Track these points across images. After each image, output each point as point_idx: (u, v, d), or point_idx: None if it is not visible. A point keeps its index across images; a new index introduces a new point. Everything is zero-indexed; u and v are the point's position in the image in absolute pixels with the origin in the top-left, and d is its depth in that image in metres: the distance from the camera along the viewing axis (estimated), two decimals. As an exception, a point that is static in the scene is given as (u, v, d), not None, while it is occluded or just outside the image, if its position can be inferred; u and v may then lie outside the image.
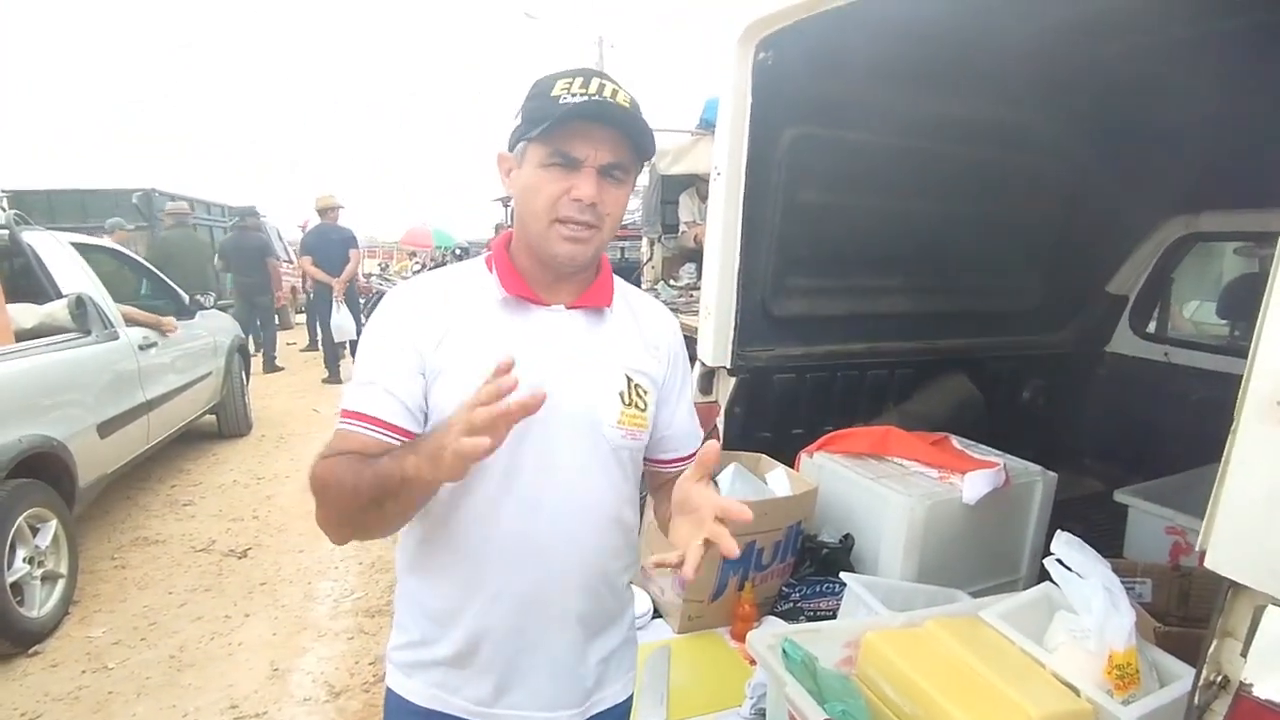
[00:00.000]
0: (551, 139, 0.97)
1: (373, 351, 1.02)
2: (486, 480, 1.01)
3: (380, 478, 0.89)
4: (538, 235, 1.01)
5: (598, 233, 1.01)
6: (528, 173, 1.00)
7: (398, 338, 1.01)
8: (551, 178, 0.98)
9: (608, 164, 0.98)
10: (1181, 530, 2.30)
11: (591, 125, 0.97)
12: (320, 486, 0.96)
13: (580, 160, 0.97)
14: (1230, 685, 0.96)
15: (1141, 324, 3.38)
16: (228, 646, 2.96)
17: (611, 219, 1.02)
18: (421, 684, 1.09)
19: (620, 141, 0.99)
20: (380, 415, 0.98)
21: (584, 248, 1.01)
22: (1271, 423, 0.90)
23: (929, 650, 1.43)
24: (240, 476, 5.02)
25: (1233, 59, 2.01)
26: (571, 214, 0.98)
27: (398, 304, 1.05)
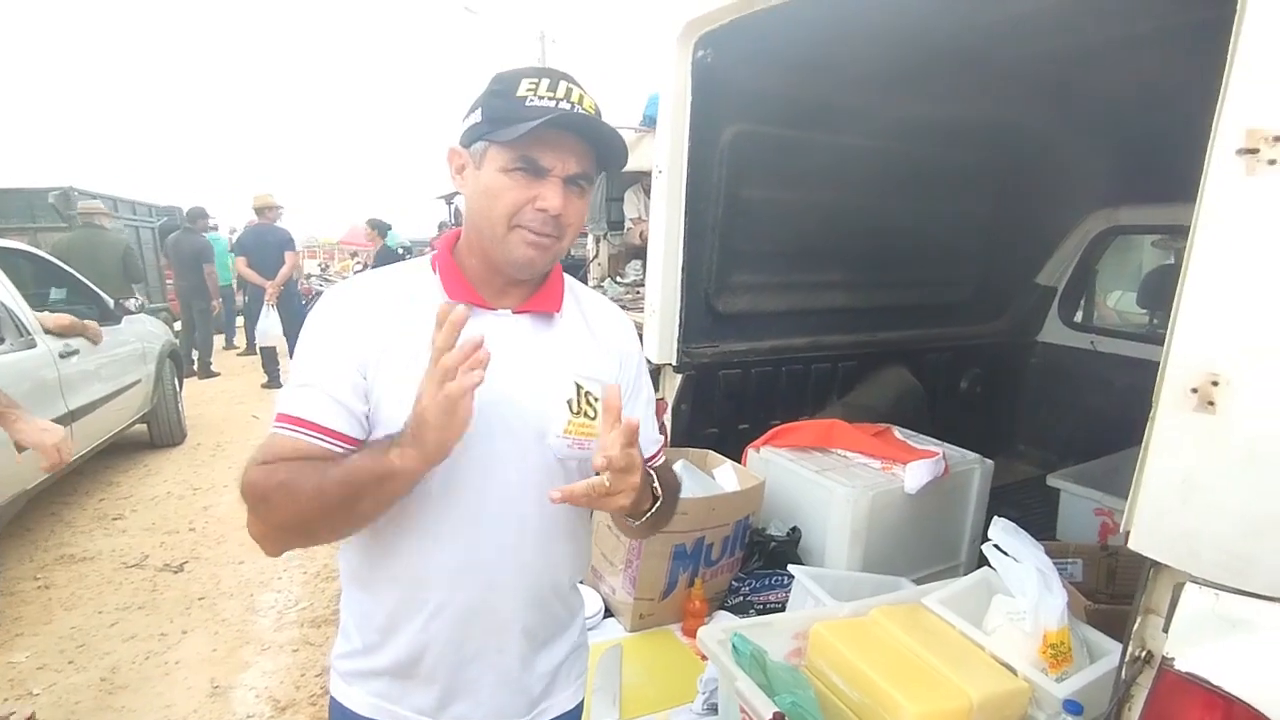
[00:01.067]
0: (518, 145, 0.94)
1: (311, 352, 0.98)
2: (427, 491, 0.98)
3: (353, 476, 0.87)
4: (494, 240, 0.98)
5: (557, 242, 0.99)
6: (488, 175, 0.97)
7: (337, 338, 0.97)
8: (514, 183, 0.95)
9: (574, 175, 0.96)
10: (1109, 511, 2.41)
11: (561, 134, 0.95)
12: (260, 495, 0.91)
13: (547, 170, 0.95)
14: (1154, 660, 1.00)
15: (1069, 314, 3.53)
16: (164, 666, 2.84)
17: (572, 229, 1.00)
18: (364, 693, 1.07)
19: (587, 152, 0.97)
20: (320, 420, 0.94)
21: (543, 254, 0.98)
22: (1186, 409, 0.95)
23: (874, 639, 1.46)
24: (174, 487, 4.82)
25: (1149, 59, 2.11)
26: (535, 224, 0.96)
27: (337, 303, 1.01)
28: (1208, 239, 0.93)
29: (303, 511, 0.90)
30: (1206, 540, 0.94)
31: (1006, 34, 2.08)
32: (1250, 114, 0.88)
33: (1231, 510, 0.92)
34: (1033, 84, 2.43)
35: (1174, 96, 2.25)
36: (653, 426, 1.23)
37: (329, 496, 0.88)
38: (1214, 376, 0.92)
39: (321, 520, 0.91)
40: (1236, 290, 0.91)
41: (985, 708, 1.29)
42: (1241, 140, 0.88)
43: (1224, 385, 0.91)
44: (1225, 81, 0.91)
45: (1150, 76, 2.24)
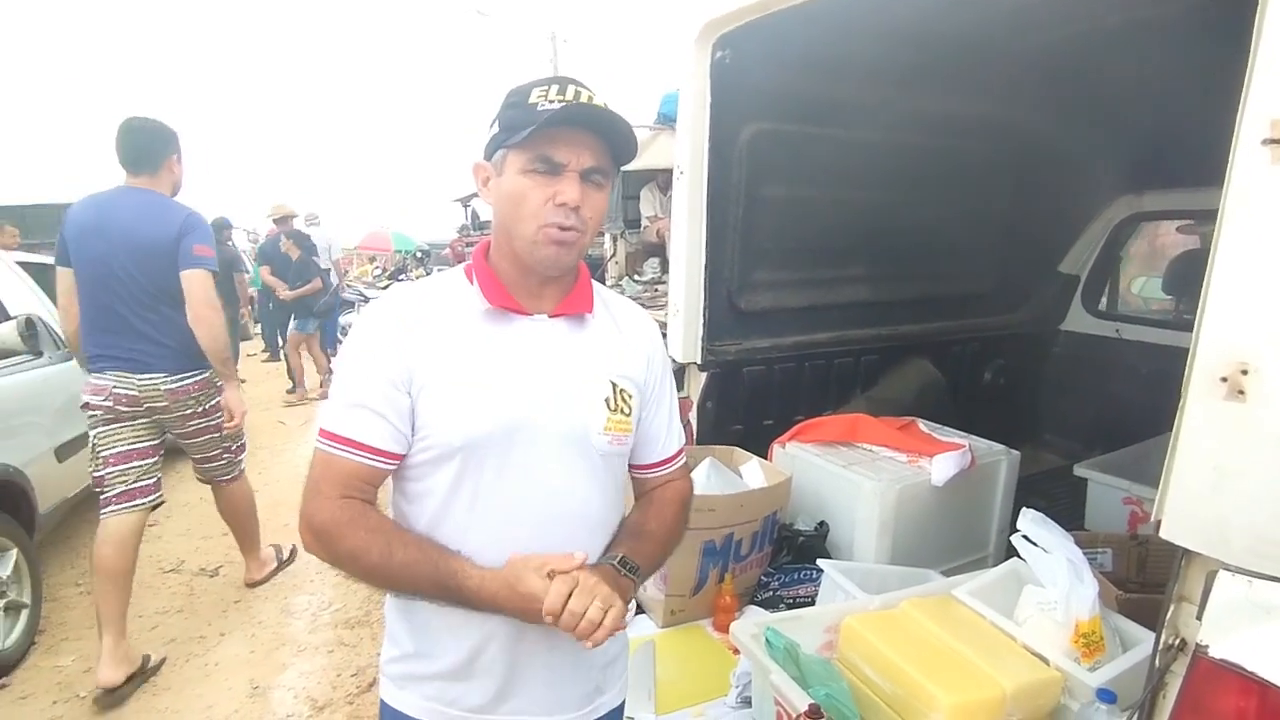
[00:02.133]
0: (533, 144, 0.97)
1: (354, 369, 1.02)
2: (476, 493, 1.02)
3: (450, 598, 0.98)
4: (523, 241, 1.01)
5: (581, 237, 1.02)
6: (509, 180, 1.01)
7: (380, 354, 1.00)
8: (534, 184, 0.99)
9: (589, 168, 1.00)
10: (1138, 500, 2.40)
11: (573, 130, 0.98)
12: (328, 543, 0.99)
13: (563, 165, 0.98)
14: (1188, 648, 1.01)
15: (1093, 302, 3.50)
16: (204, 667, 2.91)
17: (593, 224, 1.03)
18: (417, 696, 1.09)
19: (600, 146, 1.00)
20: (366, 440, 0.99)
21: (568, 251, 1.02)
22: (1216, 398, 0.95)
23: (906, 630, 1.47)
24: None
25: (1171, 43, 2.09)
26: (557, 219, 0.99)
27: (378, 319, 1.04)
28: (1235, 228, 0.94)
29: (364, 581, 1.02)
30: (1238, 528, 0.95)
31: (1025, 22, 2.08)
32: (1275, 104, 0.89)
33: (1263, 497, 0.93)
34: (1052, 71, 2.42)
35: (1197, 80, 2.23)
36: (676, 426, 1.26)
37: (391, 588, 1.04)
38: (1244, 365, 0.92)
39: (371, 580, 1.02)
40: (1265, 279, 0.91)
41: (1018, 697, 1.30)
42: (1267, 130, 0.89)
43: (1254, 374, 0.92)
44: (1249, 72, 0.91)
45: (1171, 61, 2.22)
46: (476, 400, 1.00)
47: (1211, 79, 1.67)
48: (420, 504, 1.05)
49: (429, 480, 1.03)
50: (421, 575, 0.96)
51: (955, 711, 1.26)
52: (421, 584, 0.97)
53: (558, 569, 0.95)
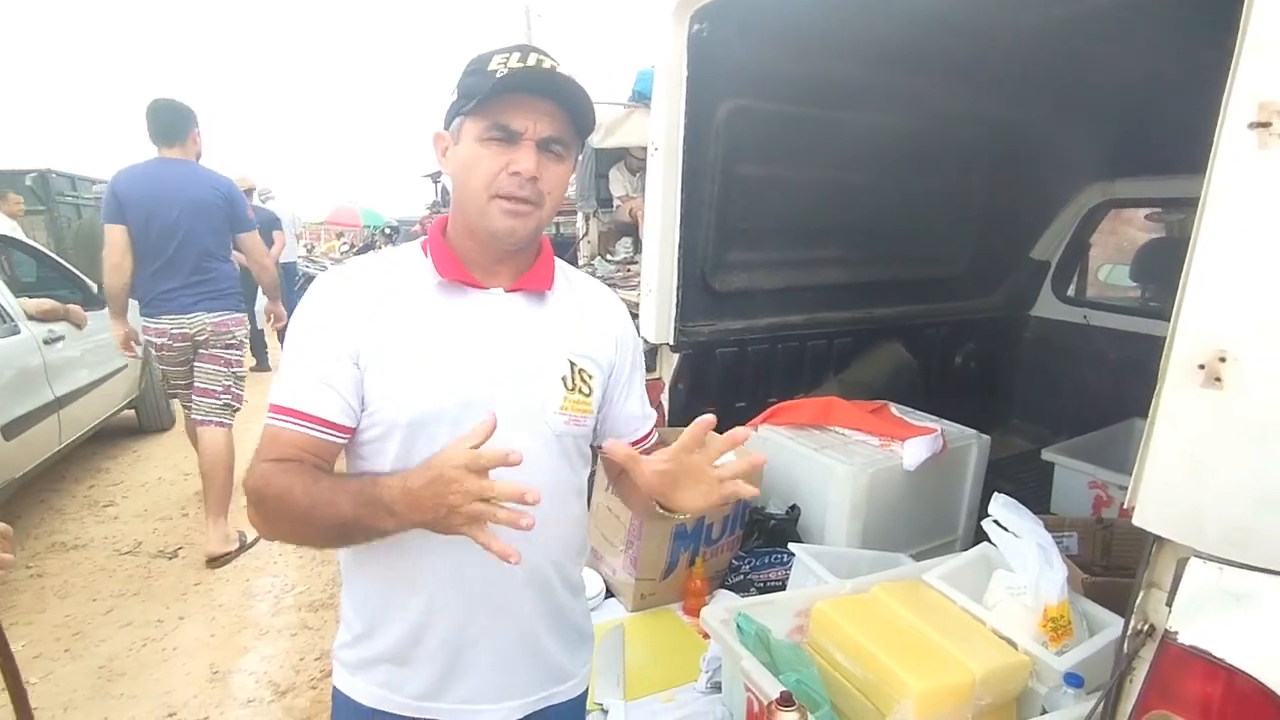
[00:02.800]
0: (489, 111, 0.94)
1: (303, 341, 0.98)
2: None
3: (346, 523, 0.88)
4: (476, 212, 0.98)
5: (537, 210, 0.98)
6: (465, 148, 0.97)
7: (330, 326, 0.97)
8: (489, 153, 0.95)
9: (546, 137, 0.96)
10: (1103, 484, 2.43)
11: (529, 97, 0.94)
12: (258, 499, 0.93)
13: (519, 133, 0.95)
14: (1156, 633, 1.01)
15: (1063, 288, 3.53)
16: (162, 652, 2.84)
17: (552, 197, 1.00)
18: (366, 683, 1.07)
19: (559, 115, 0.96)
20: (314, 411, 0.95)
21: (523, 222, 0.98)
22: (1193, 385, 0.94)
23: (876, 615, 1.47)
24: (165, 473, 4.79)
25: (1144, 30, 2.09)
26: (511, 189, 0.95)
27: (328, 290, 1.00)
28: (1217, 214, 0.92)
29: (295, 530, 0.94)
30: (1212, 515, 0.94)
31: (1003, 6, 2.06)
32: (1263, 86, 0.87)
33: (1238, 485, 0.92)
34: (1029, 57, 2.41)
35: (1170, 67, 2.25)
36: (648, 406, 1.25)
37: (315, 528, 0.92)
38: (1222, 352, 0.91)
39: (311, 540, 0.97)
40: (1246, 266, 0.90)
41: (988, 681, 1.31)
42: (1254, 113, 0.87)
43: (1232, 361, 0.90)
44: (1237, 54, 0.89)
45: (1146, 47, 2.22)
46: (426, 374, 0.97)
47: (1187, 65, 1.68)
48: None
49: (377, 457, 1.00)
50: (344, 494, 0.88)
51: (925, 697, 1.26)
52: (344, 506, 0.87)
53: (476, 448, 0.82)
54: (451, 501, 0.80)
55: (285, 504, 0.90)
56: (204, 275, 3.35)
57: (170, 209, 3.22)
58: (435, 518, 0.82)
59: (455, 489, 0.79)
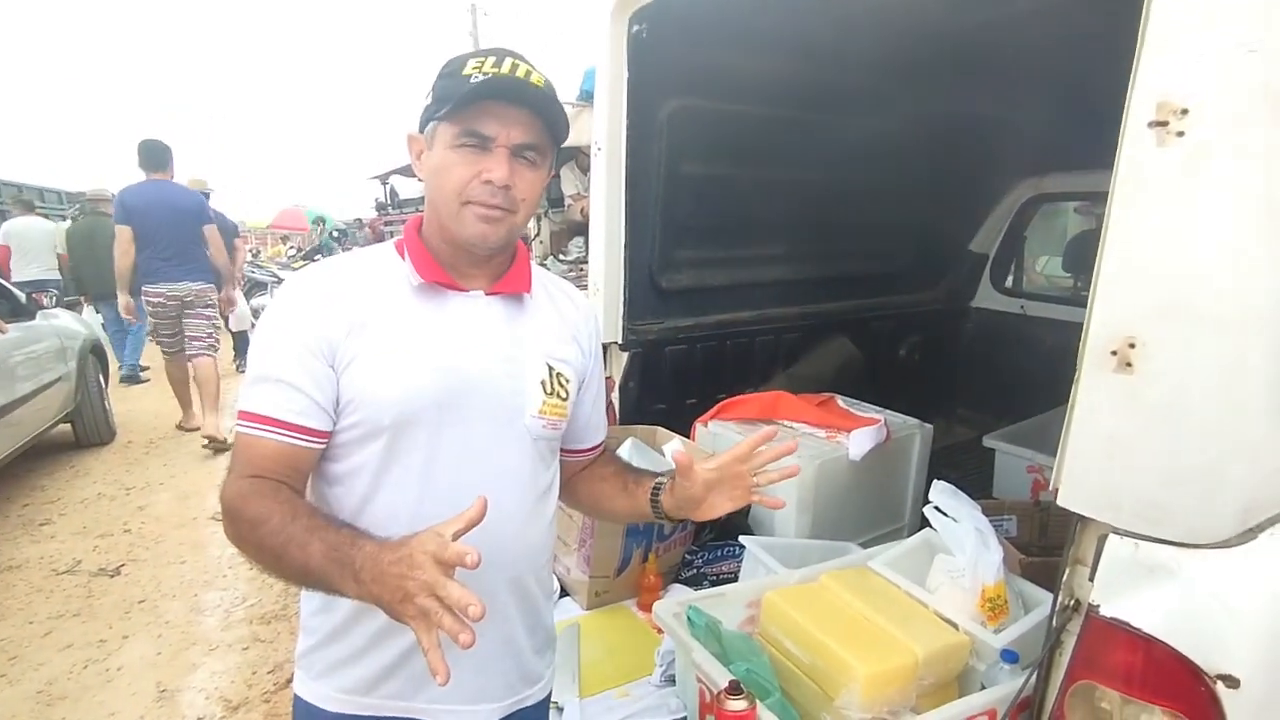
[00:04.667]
0: (462, 118, 0.94)
1: (272, 344, 0.96)
2: (405, 473, 0.98)
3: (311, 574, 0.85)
4: (449, 218, 0.98)
5: (510, 216, 0.98)
6: (438, 154, 0.97)
7: (302, 327, 0.95)
8: (462, 159, 0.95)
9: (520, 144, 0.96)
10: (1040, 468, 2.53)
11: (503, 105, 0.94)
12: (233, 516, 0.91)
13: (491, 139, 0.95)
14: (1081, 607, 1.06)
15: (1001, 280, 3.65)
16: (105, 673, 2.74)
17: (526, 204, 1.00)
18: (332, 689, 1.04)
19: (533, 122, 0.97)
20: (283, 416, 0.93)
21: (495, 228, 0.98)
22: (1107, 370, 1.00)
23: (824, 603, 1.51)
24: (105, 488, 4.62)
25: (1070, 26, 2.18)
26: (483, 196, 0.95)
27: (300, 291, 0.99)
28: (1122, 208, 0.97)
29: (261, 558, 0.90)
30: (1127, 493, 1.00)
31: (937, 7, 2.12)
32: (1161, 87, 0.92)
33: (1149, 464, 0.98)
34: (963, 53, 2.48)
35: (1092, 64, 2.34)
36: (602, 413, 1.26)
37: (284, 569, 0.88)
38: (1131, 339, 0.97)
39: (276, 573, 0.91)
40: (1150, 256, 0.95)
41: (930, 662, 1.35)
42: (1152, 113, 0.92)
43: (1140, 347, 0.96)
44: (1137, 54, 0.94)
45: (1070, 44, 2.31)
46: (407, 374, 0.96)
47: (1104, 64, 1.76)
48: (344, 485, 0.99)
49: (353, 459, 0.98)
50: (318, 544, 0.84)
51: (871, 680, 1.30)
52: (313, 556, 0.84)
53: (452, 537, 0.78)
54: (408, 588, 0.75)
55: (258, 534, 0.87)
56: (186, 257, 4.94)
57: (163, 213, 4.83)
58: (392, 600, 0.77)
59: (418, 575, 0.75)
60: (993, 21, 2.23)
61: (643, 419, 2.39)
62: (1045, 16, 2.14)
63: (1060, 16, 2.13)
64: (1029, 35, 2.30)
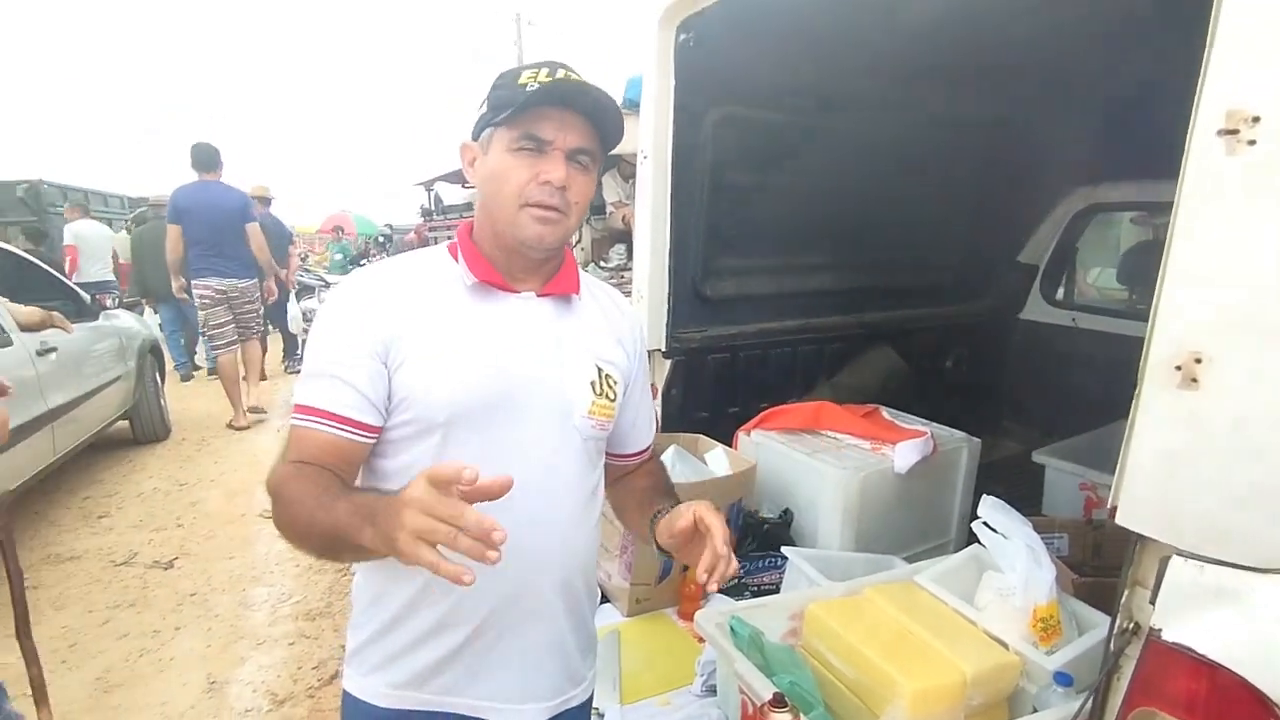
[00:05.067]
0: (519, 123, 0.96)
1: (327, 340, 0.98)
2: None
3: (338, 531, 0.83)
4: (505, 221, 1.00)
5: (565, 218, 1.00)
6: (495, 158, 0.99)
7: (356, 324, 0.97)
8: (519, 162, 0.97)
9: (574, 148, 0.98)
10: (1093, 485, 2.45)
11: (559, 109, 0.96)
12: (275, 496, 0.92)
13: (548, 142, 0.97)
14: (1141, 631, 1.03)
15: (1051, 291, 3.56)
16: (158, 663, 2.83)
17: (578, 207, 1.01)
18: (383, 684, 1.05)
19: (587, 127, 0.99)
20: (336, 410, 0.95)
21: (552, 230, 0.99)
22: (1170, 386, 0.96)
23: (868, 617, 1.49)
24: (161, 483, 4.78)
25: (1129, 35, 2.13)
26: (541, 198, 0.97)
27: (355, 291, 1.01)
28: (1190, 218, 0.94)
29: (298, 534, 0.90)
30: (1191, 514, 0.96)
31: (989, 14, 2.08)
32: (1230, 94, 0.89)
33: (1215, 484, 0.94)
34: (1015, 62, 2.44)
35: (1153, 72, 2.28)
36: (650, 417, 1.27)
37: (314, 536, 0.88)
38: (1197, 354, 0.93)
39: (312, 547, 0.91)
40: (1218, 269, 0.92)
41: (979, 682, 1.32)
42: (1222, 121, 0.90)
43: (1207, 363, 0.93)
44: (1205, 61, 0.92)
45: (1129, 52, 2.26)
46: (461, 371, 0.98)
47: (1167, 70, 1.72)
48: (396, 482, 0.98)
49: (406, 456, 1.00)
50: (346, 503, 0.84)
51: (917, 697, 1.27)
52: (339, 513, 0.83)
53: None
54: (404, 517, 0.72)
55: (293, 511, 0.89)
56: (231, 253, 5.42)
57: (209, 213, 5.25)
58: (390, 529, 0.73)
59: (410, 492, 0.73)
60: (1045, 28, 2.19)
61: (685, 427, 2.38)
62: (1101, 22, 2.10)
63: (1116, 24, 2.08)
64: (1082, 42, 2.25)
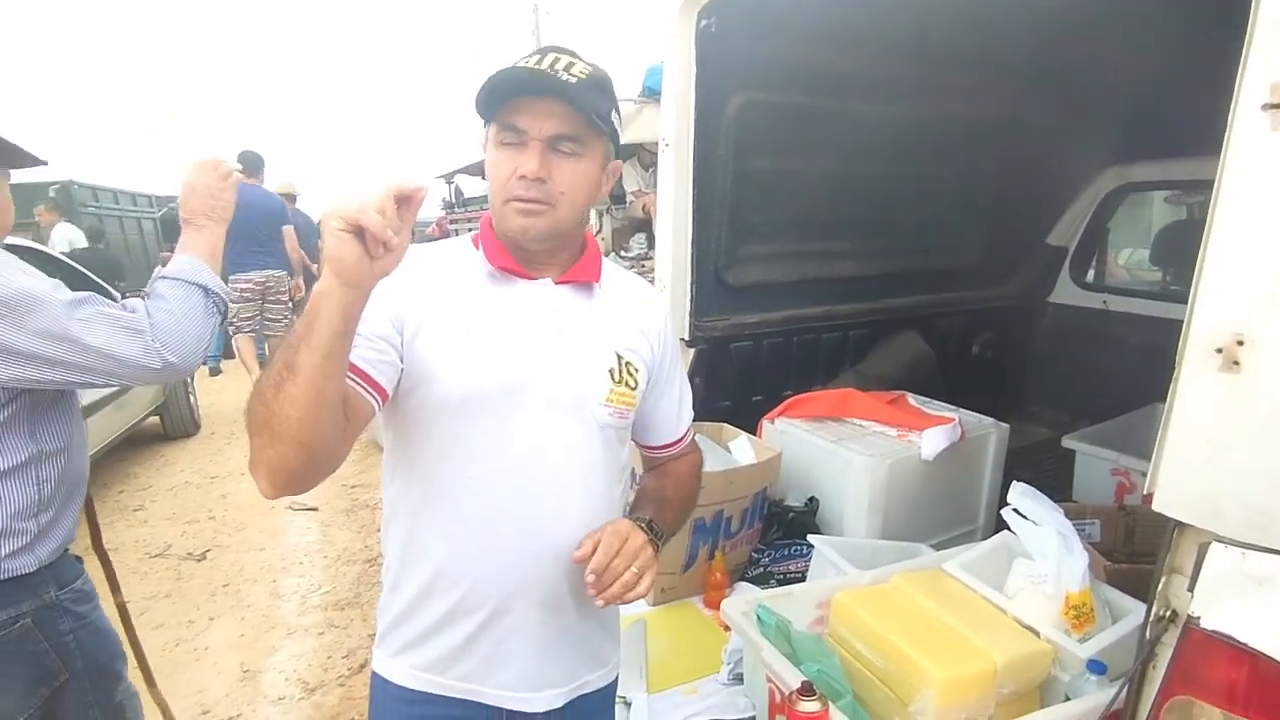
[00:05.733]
0: (500, 114, 0.96)
1: None
2: (472, 457, 1.00)
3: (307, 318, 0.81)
4: (496, 214, 1.02)
5: (551, 209, 0.99)
6: (489, 153, 1.00)
7: (381, 298, 0.94)
8: (504, 157, 0.98)
9: (554, 135, 0.96)
10: (1125, 471, 2.41)
11: (534, 98, 0.96)
12: (247, 408, 0.85)
13: (525, 132, 0.96)
14: (1179, 619, 1.01)
15: (1081, 274, 3.49)
16: (194, 652, 2.90)
17: (568, 196, 0.99)
18: (409, 665, 1.08)
19: (566, 112, 0.96)
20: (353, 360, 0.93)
21: (534, 221, 0.98)
22: (1211, 369, 0.94)
23: (896, 605, 1.47)
24: (192, 477, 4.88)
25: (1161, 11, 2.07)
26: (519, 191, 0.97)
27: None
28: (1233, 196, 0.91)
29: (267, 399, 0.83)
30: (1232, 499, 0.94)
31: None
32: (1276, 68, 0.86)
33: (1257, 469, 0.92)
34: (1041, 40, 2.38)
35: (1185, 49, 2.22)
36: (687, 404, 1.26)
37: (277, 364, 0.82)
38: (1239, 335, 0.91)
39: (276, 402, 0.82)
40: (1262, 249, 0.89)
41: (1010, 670, 1.31)
42: (1266, 95, 0.87)
43: (1249, 344, 0.90)
44: (1250, 36, 0.89)
45: (1160, 30, 2.19)
46: (476, 354, 0.99)
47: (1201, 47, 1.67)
48: (413, 466, 1.03)
49: (424, 435, 1.01)
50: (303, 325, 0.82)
51: (947, 685, 1.26)
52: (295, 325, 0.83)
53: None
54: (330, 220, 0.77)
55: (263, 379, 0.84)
56: (269, 249, 6.11)
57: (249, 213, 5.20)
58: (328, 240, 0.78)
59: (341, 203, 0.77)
60: (1071, 4, 2.13)
61: (709, 415, 2.37)
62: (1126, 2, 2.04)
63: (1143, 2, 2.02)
64: (1112, 18, 2.19)
